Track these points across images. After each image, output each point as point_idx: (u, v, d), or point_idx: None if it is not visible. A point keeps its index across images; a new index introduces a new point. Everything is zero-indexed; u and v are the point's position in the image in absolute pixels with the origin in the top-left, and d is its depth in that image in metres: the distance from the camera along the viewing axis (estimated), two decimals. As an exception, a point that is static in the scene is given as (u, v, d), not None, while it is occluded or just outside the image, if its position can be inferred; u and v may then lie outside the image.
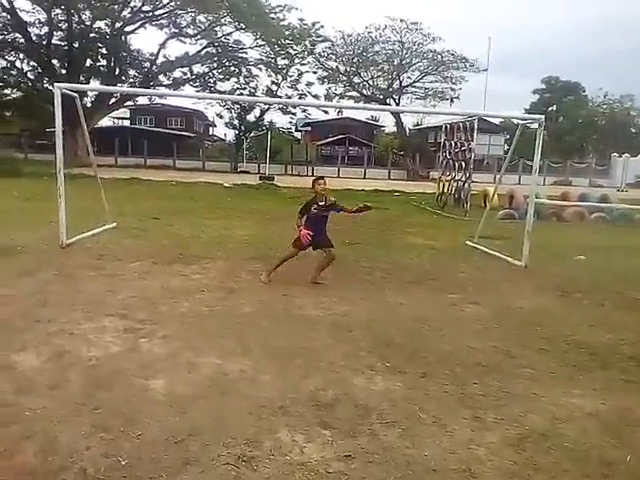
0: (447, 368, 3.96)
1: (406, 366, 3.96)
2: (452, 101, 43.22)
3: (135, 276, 6.39)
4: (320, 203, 6.34)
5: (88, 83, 32.43)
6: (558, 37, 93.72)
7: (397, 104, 42.72)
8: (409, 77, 43.48)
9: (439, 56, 40.83)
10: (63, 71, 32.19)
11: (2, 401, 3.10)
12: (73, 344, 4.07)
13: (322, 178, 6.61)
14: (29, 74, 34.45)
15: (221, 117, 41.85)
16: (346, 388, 3.53)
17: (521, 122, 10.26)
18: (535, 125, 8.64)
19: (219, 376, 3.63)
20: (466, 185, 16.13)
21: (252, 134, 43.56)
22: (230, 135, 47.81)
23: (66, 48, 31.97)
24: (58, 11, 31.20)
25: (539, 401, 3.49)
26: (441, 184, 18.03)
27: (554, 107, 55.03)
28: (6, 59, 33.51)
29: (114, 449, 2.67)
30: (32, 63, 33.68)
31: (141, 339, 4.26)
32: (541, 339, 4.74)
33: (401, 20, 39.70)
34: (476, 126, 15.73)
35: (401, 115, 45.57)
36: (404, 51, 41.10)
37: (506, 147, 46.60)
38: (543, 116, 8.35)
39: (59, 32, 32.14)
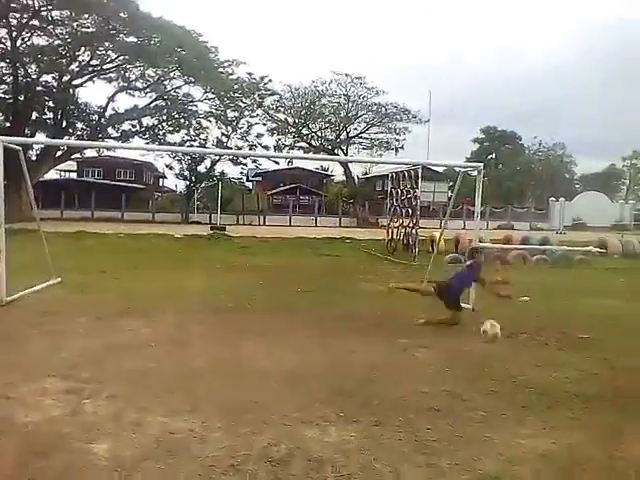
0: (400, 414, 3.95)
1: (360, 415, 3.93)
2: (397, 151, 44.87)
3: (80, 333, 6.15)
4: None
5: (33, 136, 31.80)
6: (495, 89, 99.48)
7: (345, 154, 43.94)
8: (355, 128, 45.01)
9: (383, 108, 42.55)
10: (7, 124, 31.50)
11: None
12: (9, 409, 3.84)
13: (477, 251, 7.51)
14: (-31, 127, 33.56)
15: (171, 168, 41.71)
16: (299, 442, 3.46)
17: (462, 170, 10.73)
18: (475, 172, 9.05)
19: (166, 436, 3.49)
20: (414, 231, 16.55)
21: (203, 185, 43.50)
22: (181, 186, 47.60)
23: (11, 101, 31.42)
24: (2, 64, 30.83)
25: (491, 444, 3.53)
26: (390, 230, 18.43)
27: (493, 155, 58.03)
28: (-56, 111, 32.63)
29: (52, 522, 2.51)
30: (-27, 116, 32.91)
31: (84, 400, 4.06)
32: (491, 381, 4.83)
33: (346, 74, 41.40)
34: (420, 174, 16.34)
35: (349, 165, 46.73)
36: (350, 104, 42.63)
37: (450, 194, 48.42)
38: (482, 164, 8.79)
39: (3, 85, 31.63)
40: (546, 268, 14.55)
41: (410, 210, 16.91)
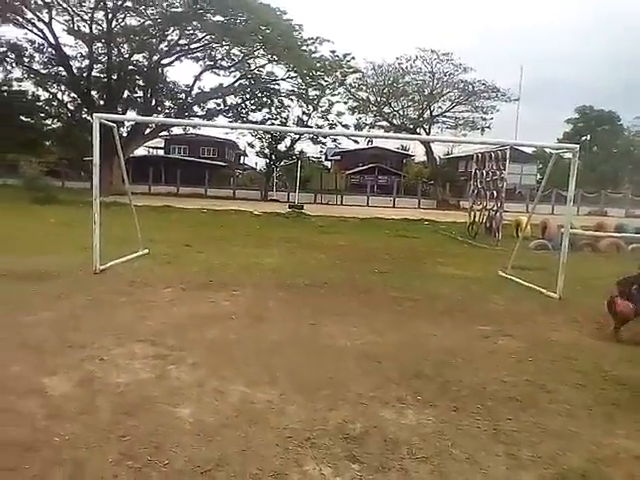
0: (480, 402, 3.84)
1: (437, 399, 3.85)
2: (483, 130, 43.17)
3: (165, 302, 6.45)
4: None
5: (125, 114, 33.55)
6: (592, 66, 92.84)
7: (427, 134, 42.90)
8: (440, 107, 43.72)
9: (470, 86, 40.97)
10: (101, 102, 33.41)
11: (33, 426, 3.12)
12: (103, 370, 4.10)
13: None
14: (69, 105, 35.95)
15: (252, 146, 42.60)
16: (375, 421, 3.45)
17: (555, 151, 10.13)
18: (569, 155, 8.52)
19: (246, 405, 3.60)
20: (498, 214, 15.92)
21: (282, 163, 44.13)
22: (261, 164, 48.56)
23: (105, 80, 33.26)
24: (99, 45, 32.63)
25: (578, 439, 3.34)
26: (472, 213, 17.84)
27: (588, 137, 54.39)
28: (49, 91, 35.10)
29: (141, 478, 2.65)
30: (72, 95, 35.14)
31: (170, 366, 4.26)
32: (578, 374, 4.57)
33: (432, 51, 40.16)
34: (508, 155, 15.60)
35: (431, 144, 45.67)
36: (435, 81, 41.41)
37: (538, 176, 46.11)
38: (578, 145, 8.24)
39: (99, 65, 33.52)
40: (642, 258, 13.53)
41: (495, 192, 16.24)
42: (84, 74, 33.42)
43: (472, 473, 2.89)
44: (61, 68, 33.51)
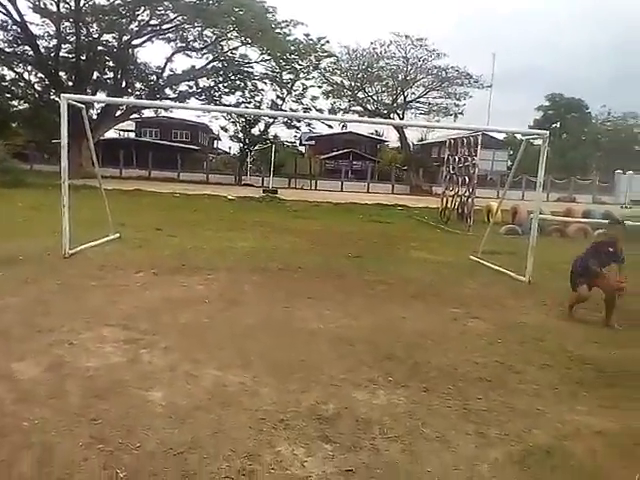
0: (450, 383, 3.91)
1: (408, 380, 3.92)
2: (456, 117, 43.38)
3: (137, 287, 6.37)
4: (610, 249, 6.14)
5: (95, 95, 32.69)
6: (563, 55, 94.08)
7: (401, 119, 42.94)
8: (413, 93, 43.73)
9: (443, 72, 41.08)
10: (70, 83, 32.44)
11: (0, 410, 3.07)
12: (73, 354, 4.04)
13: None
14: (36, 86, 34.75)
15: (226, 130, 41.99)
16: (347, 402, 3.49)
17: (525, 137, 10.27)
18: (539, 141, 8.65)
19: (219, 388, 3.59)
20: (469, 200, 16.12)
21: (256, 147, 43.71)
22: (235, 148, 48.01)
23: (74, 60, 32.25)
24: (67, 24, 31.55)
25: (543, 417, 3.45)
26: (444, 199, 18.03)
27: (558, 124, 55.27)
28: (15, 71, 33.87)
29: (113, 461, 2.64)
30: (40, 75, 34.00)
31: (141, 350, 4.23)
32: (545, 355, 4.70)
33: (406, 36, 40.05)
34: (480, 141, 15.77)
35: (405, 130, 45.76)
36: (409, 67, 41.38)
37: (509, 163, 46.76)
38: (548, 132, 8.37)
39: (67, 45, 32.44)
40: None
41: (467, 178, 16.43)
42: (52, 54, 32.32)
43: (442, 451, 2.95)
44: (27, 47, 32.32)
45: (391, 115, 43.26)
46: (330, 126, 44.99)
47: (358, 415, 3.31)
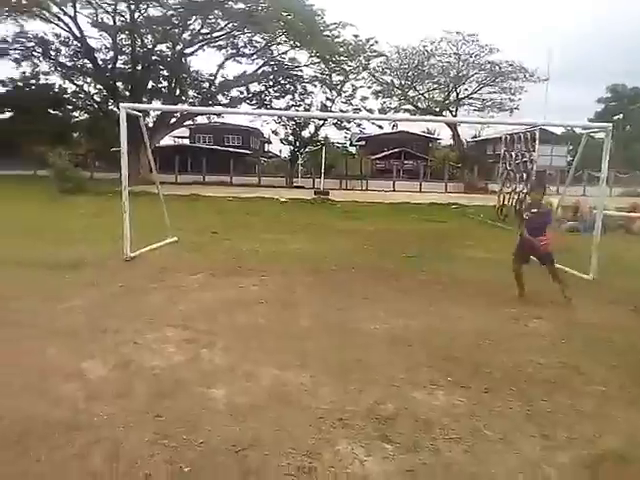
0: (512, 384, 3.80)
1: (469, 381, 3.83)
2: (511, 112, 42.27)
3: (195, 288, 6.54)
4: (534, 210, 6.38)
5: (150, 104, 33.86)
6: (622, 43, 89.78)
7: (454, 117, 42.19)
8: (466, 89, 42.93)
9: (497, 67, 40.09)
10: (127, 93, 33.74)
11: (74, 407, 3.22)
12: (138, 353, 4.19)
13: (541, 185, 6.92)
14: (95, 97, 36.41)
15: (277, 134, 42.53)
16: (406, 402, 3.45)
17: (586, 131, 9.86)
18: (600, 134, 8.28)
19: (278, 387, 3.64)
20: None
21: (307, 149, 44.02)
22: (285, 151, 48.52)
23: (130, 71, 33.54)
24: (123, 36, 32.89)
25: (615, 421, 3.29)
26: (502, 196, 17.54)
27: (621, 115, 52.73)
28: (75, 84, 35.63)
29: (177, 456, 2.71)
30: (98, 86, 35.57)
31: (202, 349, 4.33)
32: (612, 354, 4.49)
33: (457, 32, 39.33)
34: (537, 136, 15.26)
35: (458, 127, 44.90)
36: (460, 63, 40.63)
37: (569, 158, 44.99)
38: (611, 124, 8.01)
39: (123, 56, 33.80)
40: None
41: (525, 175, 15.92)
42: (109, 66, 33.77)
43: (506, 453, 2.87)
44: (87, 60, 33.90)
45: (443, 112, 42.56)
46: (380, 126, 44.72)
47: (418, 415, 3.27)
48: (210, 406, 3.32)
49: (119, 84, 34.56)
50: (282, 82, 36.95)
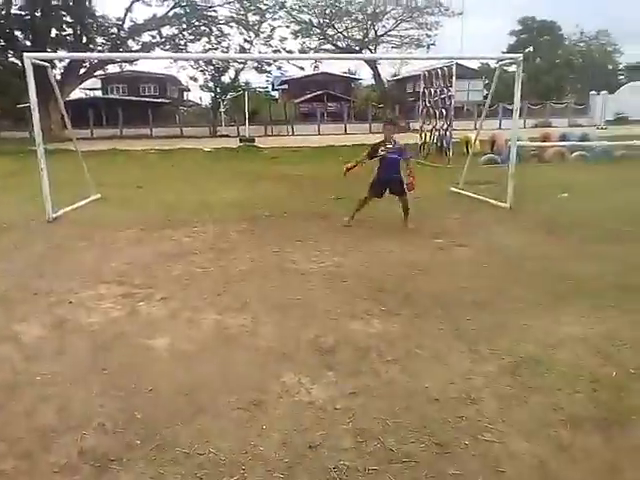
0: (440, 307, 4.09)
1: (401, 309, 4.08)
2: (429, 48, 42.59)
3: (126, 243, 6.42)
4: (388, 145, 6.77)
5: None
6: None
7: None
8: (384, 26, 42.69)
9: (413, 2, 40.01)
10: (28, 43, 30.97)
11: (13, 368, 3.17)
12: (73, 312, 4.12)
13: (391, 122, 7.43)
14: (-8, 48, 33.18)
15: (195, 80, 40.72)
16: (345, 333, 3.65)
17: (499, 63, 10.19)
18: (513, 68, 8.60)
19: (220, 331, 3.73)
20: (447, 133, 16.10)
21: (228, 96, 42.63)
22: (206, 99, 46.78)
23: (28, 17, 30.67)
24: (14, -24, 29.84)
25: (531, 331, 3.64)
26: (423, 134, 17.96)
27: (531, 48, 54.46)
28: (-37, 33, 32.21)
29: (128, 404, 2.77)
30: (-6, 36, 32.37)
31: (139, 303, 4.32)
32: (529, 274, 4.90)
33: (372, -35, 38.65)
34: (454, 72, 15.58)
35: (378, 66, 44.90)
36: (378, -1, 40.16)
37: (485, 92, 46.31)
38: (521, 54, 8.32)
39: (17, 0, 30.79)
40: (586, 165, 14.11)
41: (444, 111, 16.33)
42: (2, 11, 30.67)
43: (438, 369, 3.14)
44: (-27, 6, 30.66)
45: (363, 51, 42.28)
46: (302, 67, 43.85)
47: (356, 344, 3.48)
48: (154, 355, 3.37)
49: (18, 33, 31.55)
50: (196, 24, 35.12)
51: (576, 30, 57.73)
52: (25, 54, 7.40)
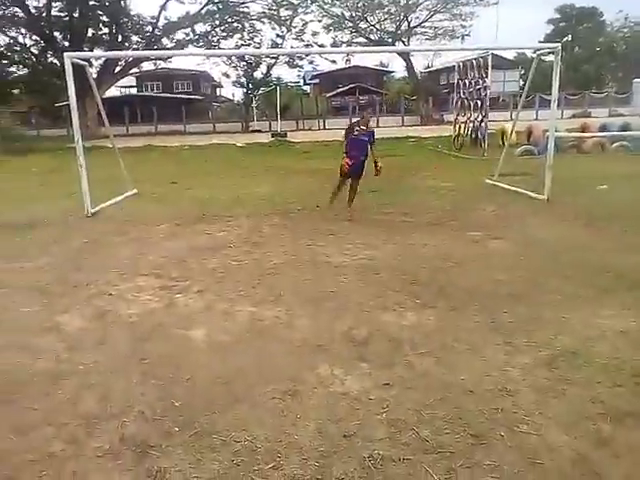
0: (476, 300, 4.05)
1: (435, 301, 4.06)
2: (463, 39, 41.70)
3: (162, 238, 6.54)
4: (363, 127, 7.14)
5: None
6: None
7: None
8: (417, 17, 41.95)
9: (447, -8, 39.27)
10: (66, 43, 31.74)
11: (57, 358, 3.28)
12: (113, 304, 4.24)
13: (372, 108, 7.67)
14: (32, 49, 34.06)
15: (228, 76, 41.13)
16: (379, 325, 3.65)
17: (536, 53, 9.95)
18: (551, 57, 8.39)
19: (255, 323, 3.77)
20: (482, 124, 15.83)
21: (260, 91, 42.87)
22: (238, 95, 47.17)
23: (67, 18, 31.40)
24: (54, -20, 30.57)
25: (569, 324, 3.57)
26: (457, 126, 17.71)
27: (569, 36, 52.89)
28: (8, 35, 33.14)
29: (167, 393, 2.84)
30: (34, 37, 33.25)
31: (177, 295, 4.41)
32: (567, 266, 4.79)
33: (405, -43, 38.08)
34: (490, 62, 15.29)
35: (411, 58, 44.28)
36: (410, -10, 39.58)
37: (521, 83, 45.25)
38: (559, 44, 8.11)
39: (57, 2, 31.52)
40: (627, 156, 13.68)
41: (479, 102, 16.05)
42: (43, 14, 31.47)
43: (474, 361, 3.11)
44: (17, 9, 31.51)
45: (396, 43, 41.80)
46: (334, 61, 43.60)
47: (390, 335, 3.47)
48: (192, 346, 3.44)
49: (56, 34, 32.31)
50: (229, 21, 35.35)
51: (619, 16, 55.58)
52: (65, 54, 7.61)
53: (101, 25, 33.47)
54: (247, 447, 2.37)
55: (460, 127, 17.42)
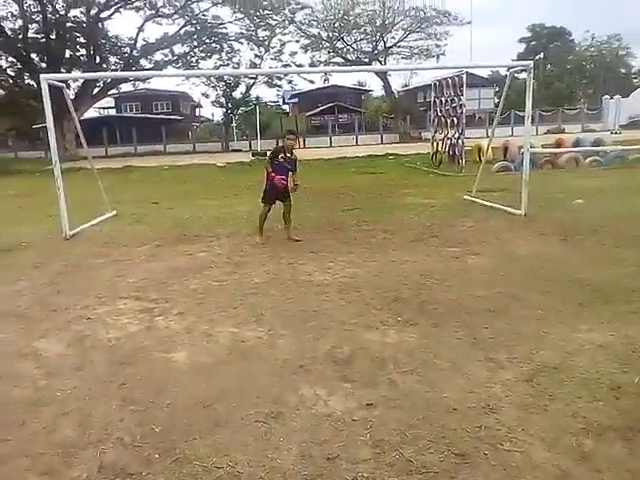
0: (457, 316, 4.07)
1: (417, 318, 4.07)
2: (438, 58, 42.65)
3: (142, 259, 6.48)
4: (287, 154, 6.98)
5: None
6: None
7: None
8: (393, 37, 42.79)
9: (421, 12, 40.13)
10: (43, 65, 31.60)
11: (34, 384, 3.21)
12: (92, 328, 4.17)
13: (294, 134, 7.50)
14: (9, 70, 33.81)
15: (207, 96, 41.57)
16: (361, 343, 3.65)
17: (510, 71, 10.19)
18: (524, 74, 8.60)
19: (237, 344, 3.74)
20: (459, 141, 16.08)
21: (240, 111, 43.08)
22: (218, 114, 47.36)
23: (43, 40, 31.30)
24: (30, 2, 30.49)
25: (549, 338, 3.61)
26: (435, 143, 17.97)
27: (541, 54, 54.34)
28: (-18, 57, 32.90)
29: (147, 418, 2.79)
30: (10, 59, 33.03)
31: (157, 317, 4.36)
32: (545, 281, 4.86)
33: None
34: (465, 81, 15.60)
35: (388, 77, 45.02)
36: (386, 10, 40.32)
37: (496, 100, 46.19)
38: (532, 61, 8.32)
39: (34, 24, 31.42)
40: (600, 170, 14.00)
41: (455, 120, 16.33)
42: (19, 35, 31.32)
43: (456, 378, 3.11)
44: (-8, 31, 31.35)
45: (372, 63, 42.46)
46: (312, 81, 44.17)
47: (372, 354, 3.47)
48: (173, 368, 3.39)
49: (33, 55, 32.16)
50: (207, 41, 35.64)
51: (587, 35, 57.42)
52: (42, 75, 7.57)
53: (78, 46, 33.46)
54: (229, 473, 2.33)
55: (438, 144, 17.68)
